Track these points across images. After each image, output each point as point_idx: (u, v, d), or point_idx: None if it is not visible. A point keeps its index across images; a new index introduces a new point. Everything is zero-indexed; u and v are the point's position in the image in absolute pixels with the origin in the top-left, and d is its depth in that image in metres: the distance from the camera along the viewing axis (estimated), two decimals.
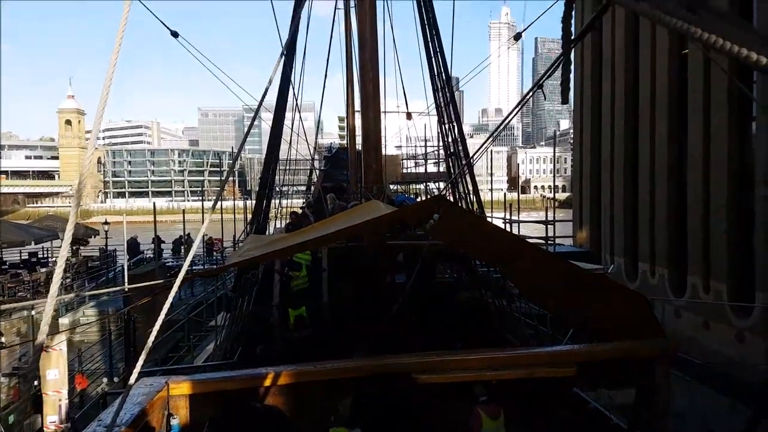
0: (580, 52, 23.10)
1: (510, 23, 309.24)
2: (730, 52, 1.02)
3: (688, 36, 1.11)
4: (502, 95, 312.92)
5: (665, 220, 16.69)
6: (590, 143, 22.74)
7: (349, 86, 22.53)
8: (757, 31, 1.06)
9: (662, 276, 16.80)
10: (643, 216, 17.99)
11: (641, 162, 18.25)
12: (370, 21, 9.97)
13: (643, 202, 18.08)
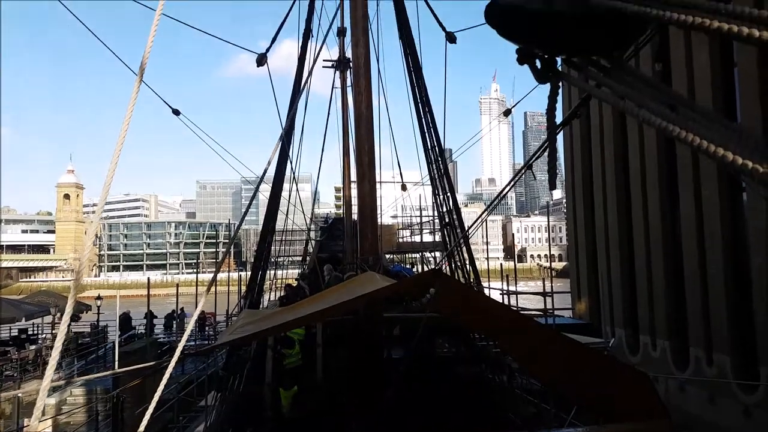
0: (568, 127, 23.79)
1: (500, 99, 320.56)
2: (715, 155, 1.03)
3: (673, 137, 1.13)
4: (494, 165, 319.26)
5: (663, 292, 16.57)
6: (584, 214, 22.96)
7: (345, 158, 23.01)
8: (744, 130, 1.08)
9: (664, 349, 16.49)
10: (641, 287, 17.89)
11: (635, 233, 18.34)
12: (366, 99, 10.30)
13: (640, 272, 18.02)
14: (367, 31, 10.48)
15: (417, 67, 12.04)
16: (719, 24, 1.04)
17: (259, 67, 10.54)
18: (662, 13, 1.17)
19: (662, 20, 1.18)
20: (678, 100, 1.33)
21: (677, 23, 1.14)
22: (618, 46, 1.63)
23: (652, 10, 1.21)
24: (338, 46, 24.10)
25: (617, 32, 1.54)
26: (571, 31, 1.57)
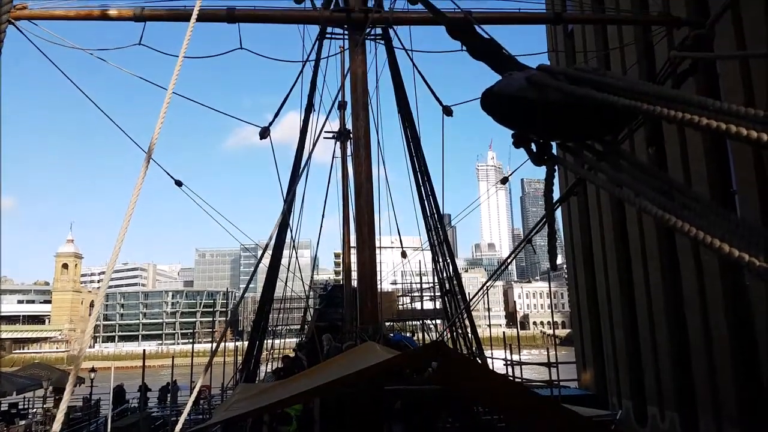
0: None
1: (496, 166, 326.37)
2: (712, 246, 1.05)
3: (670, 227, 1.15)
4: (493, 231, 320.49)
5: (669, 361, 16.21)
6: (585, 281, 22.81)
7: (345, 226, 23.17)
8: (742, 221, 1.10)
9: (673, 420, 15.94)
10: (646, 357, 17.52)
11: (638, 302, 18.15)
12: (365, 170, 10.49)
13: (644, 342, 17.70)
14: (366, 105, 10.82)
15: (415, 138, 12.32)
16: (708, 121, 1.08)
17: (262, 139, 10.80)
18: (652, 108, 1.22)
19: (652, 114, 1.22)
20: (673, 185, 1.36)
21: (667, 118, 1.18)
22: (611, 130, 1.68)
23: (642, 104, 1.25)
24: (339, 119, 24.84)
25: (610, 118, 1.59)
26: (564, 118, 1.63)
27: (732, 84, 12.92)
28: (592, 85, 1.48)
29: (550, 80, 1.60)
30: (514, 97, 1.69)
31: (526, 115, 1.70)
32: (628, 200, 1.31)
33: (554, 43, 22.19)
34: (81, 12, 7.13)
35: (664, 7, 14.79)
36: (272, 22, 9.55)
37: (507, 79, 1.77)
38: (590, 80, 1.53)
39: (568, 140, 1.73)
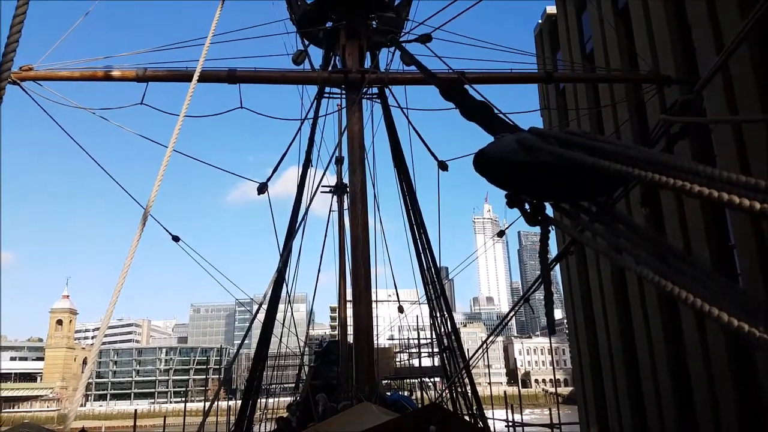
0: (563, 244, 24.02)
1: (493, 219, 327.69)
2: (710, 314, 1.02)
3: (667, 293, 1.13)
4: (491, 284, 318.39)
5: (674, 419, 15.76)
6: (586, 337, 22.46)
7: (341, 280, 23.00)
8: (740, 289, 1.08)
9: None
10: (652, 415, 17.03)
11: (641, 358, 17.82)
12: (362, 224, 10.52)
13: (649, 399, 17.26)
14: (363, 160, 10.97)
15: (411, 192, 12.41)
16: (700, 188, 1.08)
17: (260, 194, 10.88)
18: (644, 174, 1.22)
19: (644, 180, 1.23)
20: (670, 250, 1.35)
21: (658, 184, 1.18)
22: (604, 192, 1.69)
23: (634, 169, 1.26)
24: (336, 173, 25.12)
25: (602, 180, 1.60)
26: (556, 180, 1.64)
27: (725, 139, 13.13)
28: (584, 149, 1.50)
29: (541, 143, 1.62)
30: (505, 159, 1.70)
31: (518, 176, 1.71)
32: (625, 266, 1.29)
33: (546, 101, 22.75)
34: (85, 73, 7.31)
35: (654, 66, 15.26)
36: (272, 83, 9.81)
37: (499, 142, 1.80)
38: (581, 144, 1.55)
39: (561, 201, 1.74)
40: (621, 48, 17.72)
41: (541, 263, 1.79)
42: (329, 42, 11.32)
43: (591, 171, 1.43)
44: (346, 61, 10.65)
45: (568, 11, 22.89)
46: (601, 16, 18.89)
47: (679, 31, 15.56)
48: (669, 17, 15.70)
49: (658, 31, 16.11)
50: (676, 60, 15.20)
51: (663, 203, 15.93)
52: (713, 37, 13.50)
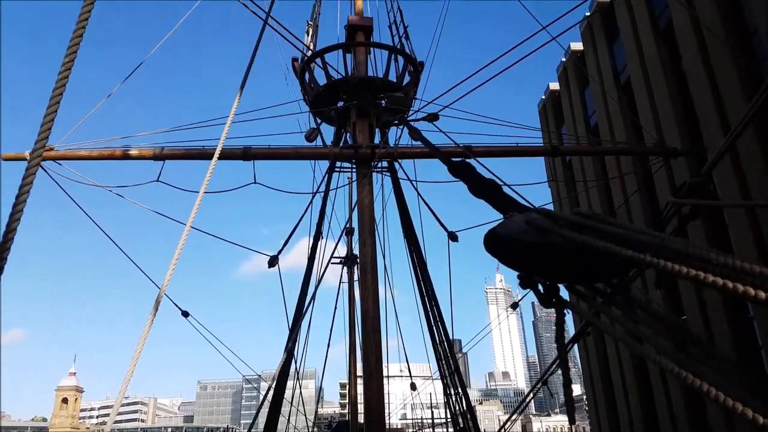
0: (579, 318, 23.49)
1: (505, 289, 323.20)
2: (734, 409, 0.99)
3: (686, 384, 1.09)
4: (507, 358, 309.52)
5: None
6: (607, 416, 21.50)
7: (351, 355, 22.48)
8: (761, 377, 1.04)
9: None
10: None
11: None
12: (372, 296, 10.41)
13: None
14: (373, 232, 11.01)
15: (422, 263, 12.35)
16: (714, 278, 1.07)
17: (271, 268, 10.88)
18: (655, 261, 1.22)
19: (656, 267, 1.22)
20: (689, 335, 1.31)
21: (671, 273, 1.17)
22: (617, 273, 1.67)
23: (645, 256, 1.26)
24: (347, 244, 25.16)
25: (615, 262, 1.59)
26: (568, 261, 1.63)
27: (738, 218, 13.04)
28: (594, 233, 1.50)
29: (551, 225, 1.62)
30: (515, 240, 1.71)
31: (529, 257, 1.71)
32: (644, 355, 1.26)
33: (554, 173, 22.99)
34: (104, 152, 7.57)
35: (659, 138, 15.49)
36: (285, 159, 10.06)
37: (508, 222, 1.81)
38: (592, 227, 1.56)
39: (574, 283, 1.72)
40: (625, 121, 18.08)
41: (558, 347, 1.75)
42: (340, 120, 11.67)
43: (603, 253, 1.42)
44: (357, 137, 10.93)
45: (571, 87, 23.56)
46: (603, 92, 19.42)
47: (682, 103, 15.91)
48: (671, 90, 16.10)
49: (661, 103, 16.48)
50: (680, 131, 15.44)
51: (679, 281, 15.67)
52: (716, 109, 13.79)
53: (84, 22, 2.16)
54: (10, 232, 2.13)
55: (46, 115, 2.20)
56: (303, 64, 11.23)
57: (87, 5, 2.29)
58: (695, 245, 1.17)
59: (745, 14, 13.71)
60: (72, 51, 2.09)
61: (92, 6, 2.13)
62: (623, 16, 18.68)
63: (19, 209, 2.11)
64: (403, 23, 12.44)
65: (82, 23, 2.15)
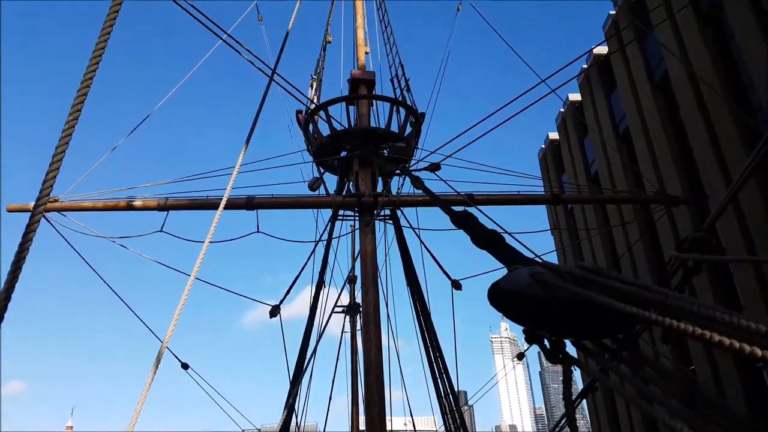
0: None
1: (511, 338, 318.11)
2: None
3: None
4: (514, 409, 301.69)
5: None
6: None
7: (354, 407, 21.91)
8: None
9: None
10: None
11: None
12: (375, 346, 10.25)
13: None
14: (376, 280, 10.95)
15: (425, 311, 12.22)
16: (720, 338, 1.06)
17: (272, 317, 10.77)
18: (661, 319, 1.21)
19: (661, 325, 1.21)
20: (695, 391, 1.29)
21: (677, 331, 1.16)
22: (623, 328, 1.66)
23: (650, 314, 1.25)
24: (349, 293, 24.94)
25: (620, 317, 1.58)
26: (573, 316, 1.62)
27: (744, 271, 12.96)
28: (598, 288, 1.50)
29: (555, 280, 1.62)
30: (519, 294, 1.70)
31: (534, 311, 1.70)
32: (654, 416, 1.23)
33: (556, 221, 23.02)
34: (108, 203, 7.64)
35: (660, 186, 15.58)
36: (288, 208, 10.11)
37: (512, 275, 1.81)
38: (596, 282, 1.55)
39: (579, 338, 1.70)
40: (626, 169, 18.23)
41: (565, 404, 1.71)
42: (343, 169, 11.80)
43: (608, 309, 1.41)
44: (360, 185, 11.02)
45: (570, 137, 23.88)
46: (603, 142, 19.67)
47: (681, 151, 16.09)
48: (670, 139, 16.31)
49: (660, 152, 16.66)
50: (681, 179, 15.55)
51: (690, 344, 15.37)
52: (715, 158, 13.93)
53: (92, 73, 2.22)
54: (12, 281, 2.12)
55: (50, 167, 2.24)
56: (307, 116, 11.46)
57: (95, 58, 2.37)
58: (700, 303, 1.17)
59: (739, 66, 14.04)
60: (78, 102, 2.15)
61: (100, 59, 2.20)
62: (620, 68, 19.13)
63: (21, 259, 2.12)
64: (404, 76, 12.75)
65: (89, 75, 2.22)
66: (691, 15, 14.75)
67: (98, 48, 2.21)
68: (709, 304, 1.16)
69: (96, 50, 2.21)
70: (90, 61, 2.31)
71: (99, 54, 2.21)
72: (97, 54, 2.20)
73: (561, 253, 23.28)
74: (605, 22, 19.72)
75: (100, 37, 2.22)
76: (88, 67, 2.22)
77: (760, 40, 12.37)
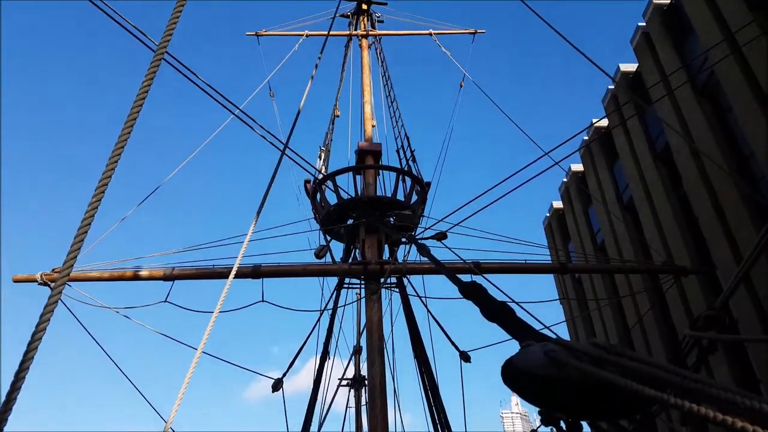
0: None
1: (522, 413, 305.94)
2: None
3: None
4: None
5: None
6: None
7: None
8: None
9: None
10: None
11: None
12: (381, 422, 9.91)
13: None
14: (382, 351, 10.72)
15: (433, 384, 11.87)
16: (743, 424, 1.03)
17: (275, 391, 10.50)
18: (680, 402, 1.18)
19: (680, 409, 1.18)
20: None
21: (697, 415, 1.14)
22: (640, 409, 1.61)
23: (669, 397, 1.22)
24: (354, 364, 24.36)
25: (637, 398, 1.54)
26: (589, 396, 1.59)
27: (761, 350, 12.69)
28: (614, 368, 1.47)
29: (570, 359, 1.60)
30: (531, 372, 1.67)
31: (549, 391, 1.66)
32: None
33: (564, 291, 22.76)
34: (115, 273, 7.66)
35: (667, 255, 15.48)
36: (294, 276, 10.08)
37: (525, 353, 1.78)
38: (613, 363, 1.53)
39: (596, 420, 1.65)
40: (632, 238, 18.19)
41: None
42: (350, 237, 11.85)
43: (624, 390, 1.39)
44: (366, 253, 11.02)
45: (575, 206, 23.98)
46: (608, 212, 19.75)
47: (687, 221, 16.09)
48: (675, 210, 16.35)
49: (666, 223, 16.67)
50: (688, 249, 15.46)
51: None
52: (721, 228, 13.91)
53: (114, 163, 2.30)
54: (28, 358, 2.07)
55: (73, 243, 2.26)
56: (315, 185, 11.65)
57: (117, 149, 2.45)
58: (720, 386, 1.14)
59: (738, 138, 14.31)
60: (102, 184, 2.21)
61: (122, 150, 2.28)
62: (621, 141, 19.48)
63: (39, 337, 2.09)
64: (410, 147, 13.05)
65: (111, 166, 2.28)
66: (689, 90, 15.19)
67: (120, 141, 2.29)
68: (729, 387, 1.13)
69: (119, 141, 2.28)
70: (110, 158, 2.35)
71: (121, 146, 2.28)
72: (119, 147, 2.28)
73: (571, 323, 22.88)
74: (604, 97, 20.26)
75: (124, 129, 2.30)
76: (109, 159, 2.28)
77: (757, 112, 12.67)
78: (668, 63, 16.13)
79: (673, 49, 16.04)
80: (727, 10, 13.55)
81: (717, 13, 13.95)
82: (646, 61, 17.45)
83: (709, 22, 14.13)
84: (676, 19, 16.29)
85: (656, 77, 16.32)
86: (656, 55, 16.91)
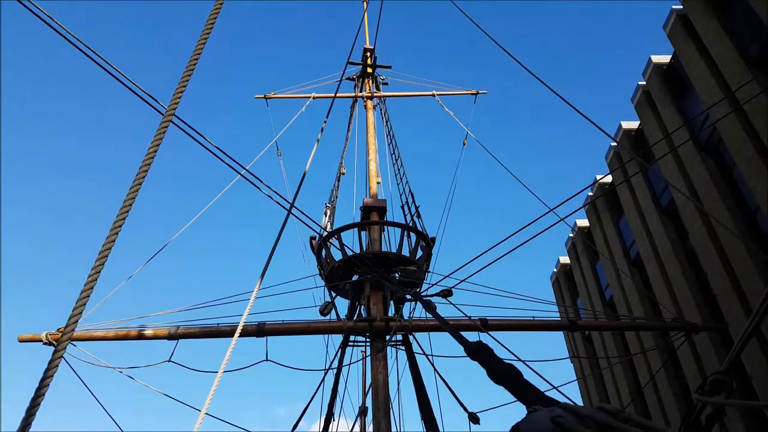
0: None
1: None
2: None
3: None
4: None
5: None
6: None
7: None
8: None
9: None
10: None
11: None
12: None
13: None
14: (388, 412, 10.43)
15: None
16: None
17: None
18: None
19: None
20: None
21: None
22: None
23: None
24: (360, 426, 23.63)
25: None
26: None
27: None
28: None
29: (577, 425, 1.55)
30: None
31: None
32: None
33: (574, 348, 22.33)
34: (119, 333, 7.60)
35: (677, 312, 15.24)
36: (299, 334, 9.96)
37: (532, 418, 1.73)
38: (619, 429, 1.49)
39: None
40: (641, 295, 17.97)
41: None
42: (355, 293, 11.77)
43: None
44: (371, 310, 10.91)
45: (582, 262, 23.83)
46: (615, 268, 19.60)
47: (695, 277, 15.92)
48: (683, 265, 16.21)
49: (674, 278, 16.50)
50: (698, 305, 15.23)
51: None
52: (730, 283, 13.74)
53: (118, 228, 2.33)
54: (31, 414, 2.05)
55: (76, 305, 2.26)
56: (320, 241, 11.68)
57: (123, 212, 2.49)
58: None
59: (743, 193, 14.34)
60: (106, 249, 2.23)
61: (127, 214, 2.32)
62: (626, 196, 19.56)
63: (41, 394, 2.07)
64: (414, 204, 13.16)
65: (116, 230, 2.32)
66: (691, 147, 15.35)
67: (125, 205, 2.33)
68: None
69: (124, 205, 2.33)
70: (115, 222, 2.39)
71: (126, 210, 2.32)
72: (124, 210, 2.32)
73: (582, 382, 22.29)
74: (607, 154, 20.49)
75: (129, 193, 2.35)
76: (114, 223, 2.32)
77: (761, 167, 12.75)
78: (670, 120, 16.39)
79: (673, 106, 16.33)
80: (726, 68, 13.86)
81: (716, 71, 14.26)
82: (648, 119, 17.74)
83: (709, 80, 14.44)
84: (676, 77, 16.66)
85: (658, 134, 16.54)
86: (657, 113, 17.21)
